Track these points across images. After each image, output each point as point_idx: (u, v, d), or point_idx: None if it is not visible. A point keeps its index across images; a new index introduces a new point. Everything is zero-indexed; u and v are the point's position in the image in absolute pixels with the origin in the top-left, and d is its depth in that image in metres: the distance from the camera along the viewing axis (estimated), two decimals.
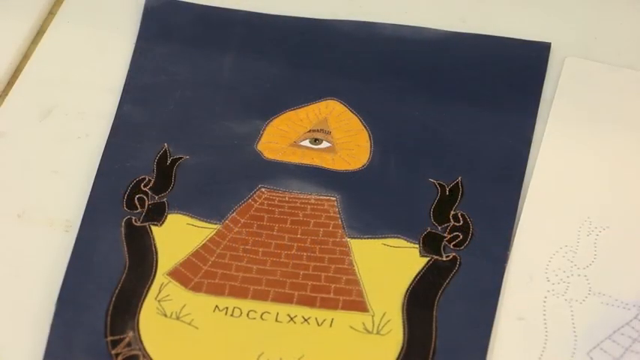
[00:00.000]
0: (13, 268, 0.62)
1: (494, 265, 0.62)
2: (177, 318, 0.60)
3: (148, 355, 0.58)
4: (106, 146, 0.67)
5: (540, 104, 0.68)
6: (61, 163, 0.67)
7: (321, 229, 0.63)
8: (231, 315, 0.60)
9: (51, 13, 0.74)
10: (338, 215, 0.64)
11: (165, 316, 0.60)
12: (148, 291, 0.61)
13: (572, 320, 0.59)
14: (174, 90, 0.70)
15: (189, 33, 0.73)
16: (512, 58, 0.71)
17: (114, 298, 0.60)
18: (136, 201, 0.65)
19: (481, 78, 0.70)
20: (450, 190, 0.65)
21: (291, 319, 0.60)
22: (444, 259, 0.62)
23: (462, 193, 0.65)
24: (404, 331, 0.59)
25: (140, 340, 0.59)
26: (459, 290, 0.61)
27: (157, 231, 0.63)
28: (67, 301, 0.60)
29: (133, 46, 0.72)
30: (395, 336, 0.59)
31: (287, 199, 0.65)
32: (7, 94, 0.70)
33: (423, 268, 0.62)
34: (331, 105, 0.69)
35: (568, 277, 0.61)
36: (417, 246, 0.63)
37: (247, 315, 0.60)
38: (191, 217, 0.64)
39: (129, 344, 0.59)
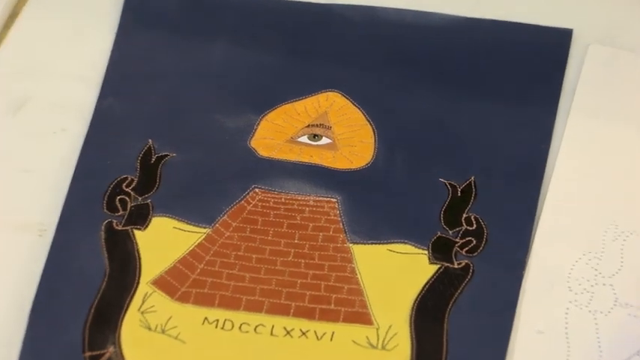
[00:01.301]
0: None
1: (511, 273, 0.61)
2: (163, 331, 0.60)
3: None
4: (84, 143, 0.67)
5: (561, 96, 0.68)
6: (35, 161, 0.67)
7: (321, 234, 0.63)
8: (222, 328, 0.60)
9: None
10: (339, 218, 0.64)
11: (150, 329, 0.60)
12: (130, 302, 0.61)
13: (597, 334, 0.59)
14: (159, 81, 0.70)
15: (175, 18, 0.73)
16: (530, 46, 0.71)
17: (93, 310, 0.60)
18: (118, 203, 0.65)
19: (496, 68, 0.70)
20: (462, 191, 0.65)
21: (288, 332, 0.59)
22: (456, 266, 0.62)
23: (475, 194, 0.65)
24: (412, 345, 0.59)
25: (122, 355, 0.59)
26: (472, 301, 0.60)
27: (140, 236, 0.63)
28: (41, 313, 0.60)
29: (115, 32, 0.72)
30: (402, 351, 0.59)
31: (283, 200, 0.65)
32: None
33: (432, 277, 0.61)
34: (332, 97, 0.69)
35: (592, 286, 0.61)
36: (426, 252, 0.62)
37: (239, 328, 0.60)
38: (178, 220, 0.64)
39: None
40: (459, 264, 0.62)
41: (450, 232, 0.63)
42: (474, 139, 0.67)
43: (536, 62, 0.70)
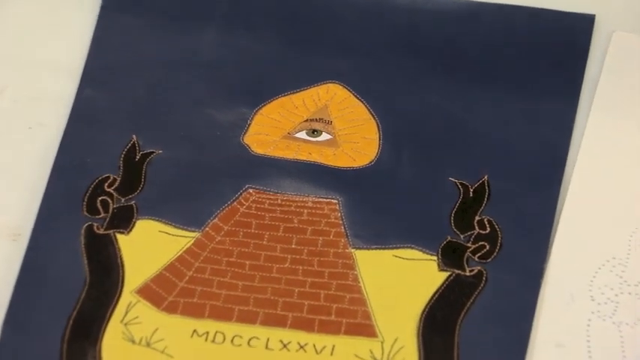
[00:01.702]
0: None
1: (528, 281, 0.61)
2: (148, 345, 0.59)
3: None
4: (62, 138, 0.67)
5: (582, 88, 0.68)
6: (8, 158, 0.67)
7: (321, 238, 0.63)
8: (213, 341, 0.59)
9: None
10: (340, 221, 0.64)
11: (134, 342, 0.59)
12: (112, 312, 0.60)
13: (622, 347, 0.59)
14: (144, 71, 0.70)
15: (162, 2, 0.73)
16: (548, 33, 0.70)
17: (71, 321, 0.60)
18: (99, 204, 0.64)
19: (512, 57, 0.70)
20: (474, 192, 0.65)
21: (285, 346, 0.59)
22: (468, 273, 0.62)
23: (488, 195, 0.64)
24: None
25: None
26: (485, 311, 0.60)
27: (123, 240, 0.63)
28: (15, 325, 0.60)
29: (96, 18, 0.72)
30: None
31: (279, 201, 0.65)
32: None
33: (442, 285, 0.61)
34: (332, 89, 0.69)
35: (616, 295, 0.61)
36: (435, 258, 0.62)
37: (232, 341, 0.59)
38: (164, 223, 0.64)
39: None
40: (470, 271, 0.62)
41: (462, 236, 0.63)
42: (488, 135, 0.66)
43: (556, 51, 0.69)
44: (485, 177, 0.65)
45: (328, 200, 0.64)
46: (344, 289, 0.61)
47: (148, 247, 0.63)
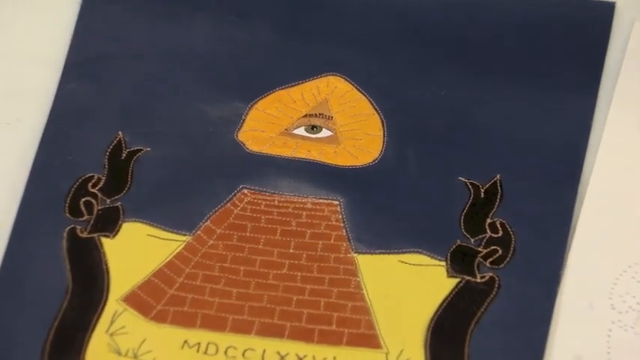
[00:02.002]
0: None
1: (544, 288, 0.61)
2: (135, 357, 0.59)
3: None
4: (43, 135, 0.67)
5: (602, 81, 0.68)
6: None
7: (321, 242, 0.63)
8: (205, 353, 0.59)
9: None
10: (342, 224, 0.64)
11: (120, 354, 0.59)
12: (96, 322, 0.60)
13: None
14: (130, 63, 0.70)
15: None
16: (566, 22, 0.70)
17: (52, 332, 0.60)
18: (82, 206, 0.64)
19: (526, 47, 0.70)
20: (485, 192, 0.65)
21: (282, 357, 0.59)
22: (479, 280, 0.62)
23: (501, 196, 0.64)
24: None
25: None
26: (497, 320, 0.60)
27: (108, 244, 0.63)
28: None
29: (79, 5, 0.72)
30: None
31: (276, 203, 0.64)
32: None
33: (451, 292, 0.61)
34: (333, 82, 0.69)
35: (639, 303, 0.61)
36: (444, 263, 0.62)
37: (225, 353, 0.59)
38: (153, 226, 0.64)
39: None
40: (482, 277, 0.61)
41: (472, 240, 0.63)
42: (500, 132, 0.66)
43: (573, 42, 0.69)
44: (498, 176, 0.65)
45: (329, 201, 0.64)
46: (346, 297, 0.61)
47: (135, 251, 0.63)
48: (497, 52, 0.69)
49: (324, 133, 0.67)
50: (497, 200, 0.64)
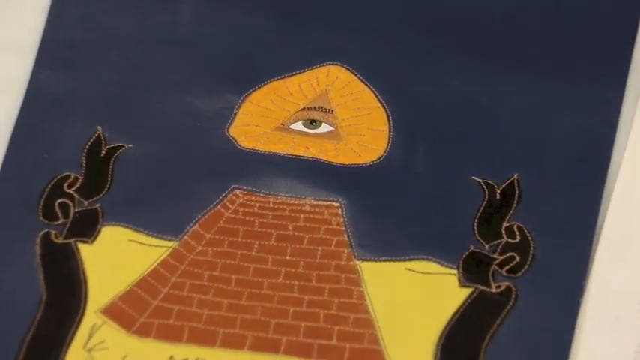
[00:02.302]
0: None
1: (566, 299, 0.61)
2: None
3: None
4: (14, 130, 0.67)
5: (630, 71, 0.68)
6: None
7: (320, 248, 0.63)
8: None
9: None
10: (343, 228, 0.64)
11: None
12: (73, 336, 0.60)
13: None
14: (110, 50, 0.70)
15: None
16: (591, 9, 0.70)
17: (25, 346, 0.60)
18: (57, 208, 0.64)
19: (548, 36, 0.70)
20: (501, 193, 0.65)
21: None
22: (494, 290, 0.62)
23: (518, 197, 0.64)
24: None
25: None
26: (514, 334, 0.60)
27: (86, 250, 0.63)
28: None
29: None
30: None
31: (271, 205, 0.64)
32: None
33: (463, 303, 0.61)
34: (334, 72, 0.69)
35: None
36: (456, 272, 0.62)
37: None
38: (135, 230, 0.64)
39: None
40: (497, 287, 0.61)
41: (487, 245, 0.63)
42: (518, 127, 0.66)
43: (599, 28, 0.69)
44: (515, 176, 0.65)
45: (329, 203, 0.64)
46: (348, 309, 0.61)
47: (115, 258, 0.63)
48: (516, 40, 0.69)
49: (324, 128, 0.67)
50: (515, 202, 0.64)
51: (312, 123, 0.67)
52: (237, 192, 0.65)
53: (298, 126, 0.67)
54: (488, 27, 0.70)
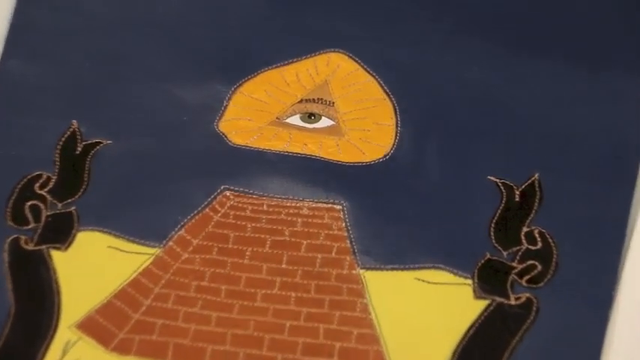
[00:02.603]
0: None
1: (593, 312, 0.61)
2: None
3: None
4: None
5: None
6: None
7: (320, 256, 0.63)
8: None
9: None
10: (345, 233, 0.64)
11: None
12: (45, 353, 0.60)
13: None
14: (86, 36, 0.70)
15: None
16: None
17: None
18: (28, 211, 0.64)
19: (575, 20, 0.70)
20: (521, 194, 0.64)
21: None
22: (513, 302, 0.61)
23: (540, 199, 0.64)
24: None
25: None
26: (536, 352, 0.60)
27: (60, 258, 0.63)
28: None
29: None
30: None
31: (265, 207, 0.64)
32: None
33: (479, 317, 0.61)
34: (335, 60, 0.69)
35: None
36: (471, 282, 0.62)
37: None
38: (114, 235, 0.64)
39: None
40: (517, 299, 0.61)
41: (505, 253, 0.63)
42: (540, 121, 0.66)
43: (631, 15, 0.69)
44: (536, 176, 0.65)
45: (329, 205, 0.64)
46: (350, 323, 0.61)
47: (92, 267, 0.62)
48: (537, 20, 0.69)
49: (324, 122, 0.67)
50: (536, 204, 0.64)
51: (311, 117, 0.67)
52: (228, 193, 0.65)
53: (295, 120, 0.67)
54: (507, 9, 0.69)
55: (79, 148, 0.66)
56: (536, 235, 0.63)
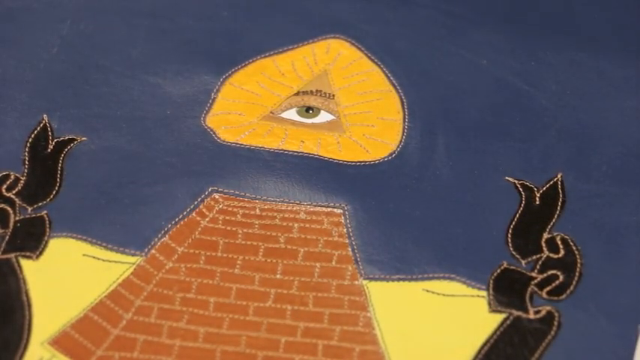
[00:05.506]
0: None
1: (619, 327, 0.61)
2: None
3: None
4: None
5: None
6: None
7: (318, 265, 0.63)
8: None
9: None
10: (347, 240, 0.64)
11: None
12: None
13: None
14: (59, 22, 0.70)
15: None
16: None
17: None
18: None
19: (599, 4, 0.69)
20: (542, 197, 0.65)
21: None
22: (532, 316, 0.62)
23: (562, 202, 0.64)
24: None
25: None
26: None
27: (30, 268, 0.63)
28: None
29: None
30: None
31: (258, 211, 0.64)
32: None
33: (495, 332, 0.61)
34: (335, 47, 0.69)
35: None
36: (485, 294, 0.62)
37: None
38: (91, 243, 0.64)
39: None
40: (536, 312, 0.62)
41: (523, 262, 0.63)
42: (562, 115, 0.66)
43: None
44: (559, 176, 0.65)
45: (329, 209, 0.64)
46: (352, 339, 0.61)
47: (66, 277, 0.62)
48: (557, 6, 0.69)
49: (324, 117, 0.67)
50: (558, 208, 0.64)
51: (309, 111, 0.68)
52: (216, 196, 0.65)
53: (291, 114, 0.67)
54: None
55: (51, 146, 0.66)
56: (559, 242, 0.63)
